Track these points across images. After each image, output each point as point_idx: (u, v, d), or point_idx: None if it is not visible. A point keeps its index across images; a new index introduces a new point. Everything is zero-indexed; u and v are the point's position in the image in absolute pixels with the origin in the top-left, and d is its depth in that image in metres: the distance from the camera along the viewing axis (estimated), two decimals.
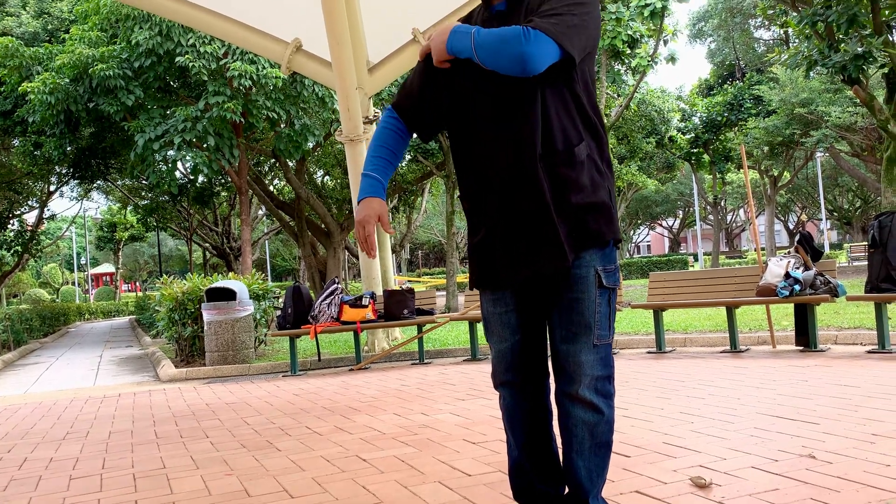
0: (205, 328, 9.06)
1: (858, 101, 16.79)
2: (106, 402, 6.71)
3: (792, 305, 7.75)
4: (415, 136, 17.79)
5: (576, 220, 2.12)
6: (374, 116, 9.43)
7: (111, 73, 14.45)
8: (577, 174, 2.12)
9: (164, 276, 11.21)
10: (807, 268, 6.75)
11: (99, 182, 26.16)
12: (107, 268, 59.18)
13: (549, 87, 2.12)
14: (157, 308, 11.48)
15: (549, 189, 2.10)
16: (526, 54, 1.98)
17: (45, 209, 27.34)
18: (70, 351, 15.27)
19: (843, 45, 12.75)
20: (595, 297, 2.15)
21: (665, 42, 16.59)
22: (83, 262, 58.62)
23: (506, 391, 2.30)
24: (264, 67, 14.26)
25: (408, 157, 23.71)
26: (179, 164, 17.12)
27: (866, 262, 6.67)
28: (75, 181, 24.53)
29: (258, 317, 10.19)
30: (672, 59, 17.62)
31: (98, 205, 58.64)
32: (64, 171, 22.67)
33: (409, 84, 2.38)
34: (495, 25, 2.21)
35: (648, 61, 15.92)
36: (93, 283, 58.86)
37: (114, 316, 37.68)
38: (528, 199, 2.11)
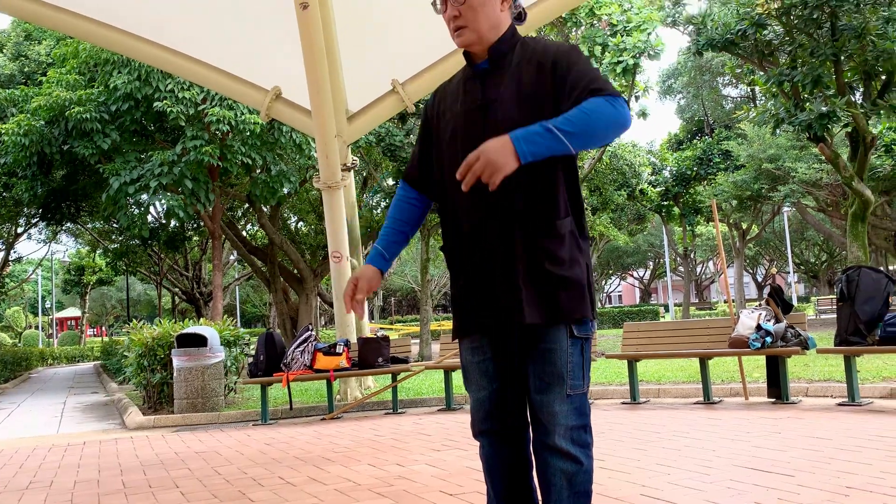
0: (174, 374, 8.90)
1: (824, 158, 17.27)
2: (70, 451, 6.53)
3: (763, 357, 7.83)
4: (391, 182, 17.76)
5: (547, 292, 2.14)
6: (353, 164, 9.51)
7: (88, 116, 14.42)
8: (557, 247, 2.16)
9: (133, 320, 11.03)
10: (777, 320, 6.84)
11: (68, 224, 25.85)
12: (72, 312, 57.99)
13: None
14: (125, 353, 11.27)
15: (523, 253, 2.14)
16: (625, 119, 2.05)
17: (12, 251, 26.89)
18: (32, 397, 14.87)
19: (808, 104, 13.18)
20: (567, 347, 2.16)
21: (636, 98, 17.01)
22: (48, 305, 57.47)
23: (485, 440, 2.30)
24: (242, 113, 14.33)
25: (382, 204, 23.80)
26: (152, 208, 16.97)
27: (834, 315, 6.79)
28: (44, 223, 24.22)
29: (229, 364, 10.04)
30: (643, 114, 18.04)
31: (66, 247, 57.76)
32: (32, 213, 22.38)
33: (413, 153, 2.46)
34: (478, 84, 2.27)
35: None
36: (57, 328, 57.60)
37: (78, 361, 36.81)
38: (500, 259, 2.16)
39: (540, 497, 2.24)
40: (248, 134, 14.62)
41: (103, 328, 60.80)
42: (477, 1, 2.21)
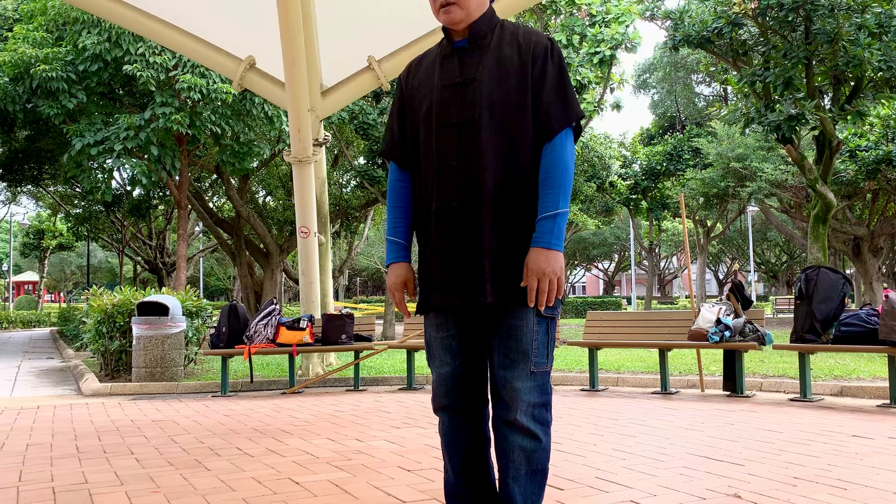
0: (133, 343, 8.79)
1: (790, 159, 17.56)
2: (24, 414, 6.42)
3: (721, 351, 7.98)
4: (362, 161, 17.66)
5: (513, 272, 2.18)
6: (325, 139, 9.42)
7: (54, 75, 14.07)
8: (525, 228, 2.20)
9: (94, 287, 10.84)
10: (737, 315, 6.97)
11: (29, 187, 25.26)
12: (30, 276, 56.88)
13: (527, 141, 2.21)
14: (83, 320, 11.10)
15: (491, 234, 2.17)
16: (573, 154, 2.22)
17: None
18: None
19: (778, 105, 13.37)
20: (533, 325, 2.19)
21: (612, 90, 17.09)
22: (5, 268, 56.22)
23: (444, 415, 2.32)
24: (214, 82, 14.10)
25: (353, 182, 23.66)
26: (117, 174, 16.68)
27: (791, 315, 6.94)
28: (3, 184, 23.65)
29: (190, 334, 9.94)
30: (617, 106, 18.14)
31: (27, 210, 56.49)
32: None
33: (392, 130, 2.42)
34: (456, 62, 2.27)
35: (595, 107, 16.36)
36: (14, 291, 56.42)
37: (34, 326, 36.14)
38: (468, 238, 2.18)
39: (497, 474, 2.27)
40: (220, 104, 14.40)
41: (61, 294, 59.71)
42: None
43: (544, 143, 2.19)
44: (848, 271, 32.33)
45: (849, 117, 13.58)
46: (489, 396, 2.30)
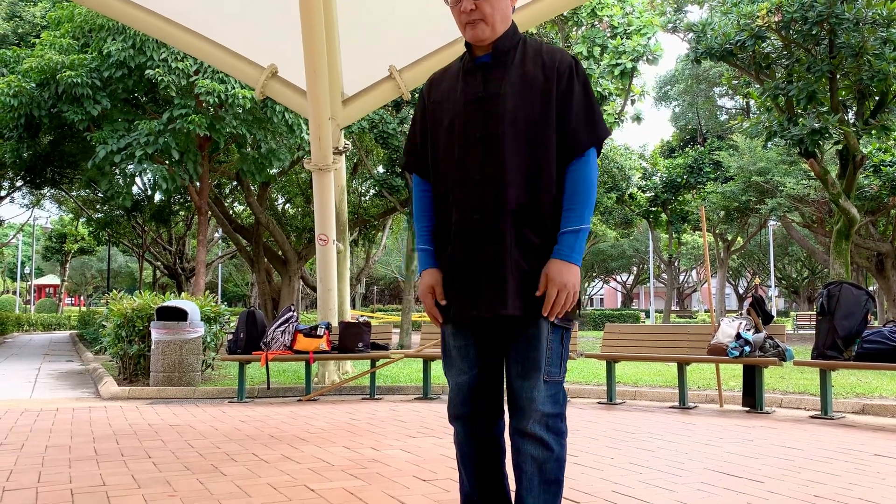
0: (152, 347, 8.84)
1: (813, 174, 17.41)
2: (43, 416, 6.48)
3: (740, 366, 7.89)
4: (381, 169, 17.74)
5: (533, 285, 2.19)
6: (345, 148, 9.46)
7: (79, 81, 14.26)
8: (546, 243, 2.21)
9: (114, 291, 10.94)
10: (757, 330, 6.90)
11: (52, 191, 25.55)
12: (51, 279, 57.48)
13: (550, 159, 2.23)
14: (103, 323, 11.19)
15: (514, 249, 2.18)
16: (596, 169, 2.24)
17: None
18: (6, 361, 14.74)
19: (801, 119, 13.26)
20: (548, 335, 2.20)
21: (632, 102, 17.05)
22: (27, 271, 56.90)
23: (460, 425, 2.31)
24: (233, 87, 14.21)
25: (372, 191, 23.72)
26: (138, 179, 16.85)
27: (812, 331, 6.86)
28: (27, 188, 23.95)
29: (208, 339, 9.99)
30: (638, 118, 18.07)
31: (49, 214, 57.16)
32: (16, 176, 22.11)
33: (414, 142, 2.43)
34: (479, 77, 2.28)
35: (615, 119, 16.32)
36: (35, 294, 57.07)
37: (54, 329, 36.50)
38: (491, 252, 2.19)
39: (513, 486, 2.26)
40: (240, 110, 14.51)
41: (81, 298, 60.30)
42: None
43: (570, 160, 2.21)
44: (871, 288, 31.93)
45: (873, 132, 13.44)
46: (506, 408, 2.29)
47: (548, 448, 2.17)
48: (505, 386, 2.28)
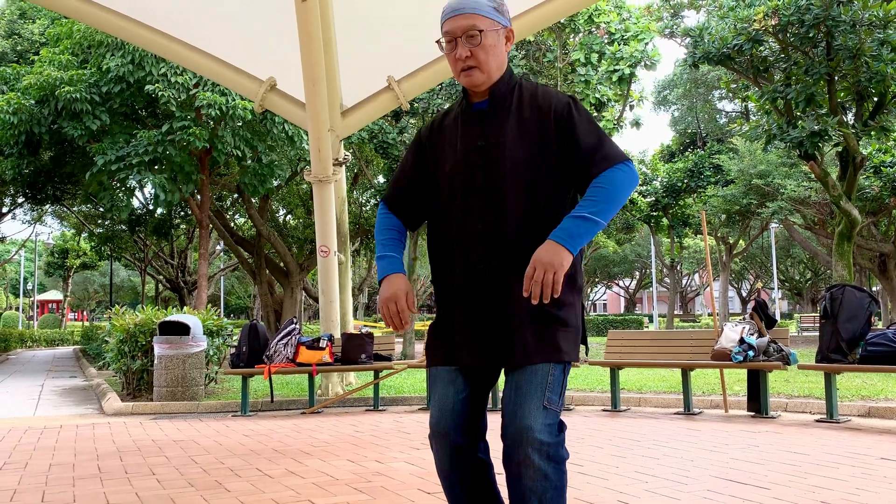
0: (155, 362, 8.83)
1: (813, 176, 17.40)
2: (46, 434, 6.46)
3: (745, 371, 7.87)
4: (381, 179, 17.70)
5: (542, 333, 2.15)
6: (345, 159, 9.47)
7: (78, 97, 14.30)
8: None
9: (116, 306, 10.94)
10: (760, 334, 6.88)
11: (54, 206, 25.59)
12: (54, 295, 57.55)
13: (558, 197, 2.20)
14: (106, 339, 11.18)
15: (520, 297, 2.14)
16: (636, 178, 2.17)
17: None
18: (10, 378, 14.73)
19: (800, 121, 13.26)
20: (551, 366, 2.16)
21: (631, 107, 17.05)
22: (30, 287, 56.96)
23: (439, 445, 2.25)
24: (234, 99, 14.24)
25: (372, 201, 23.73)
26: (138, 193, 16.88)
27: (816, 333, 6.84)
28: (29, 204, 24.00)
29: (211, 353, 9.98)
30: (637, 123, 18.08)
31: (51, 230, 57.26)
32: (17, 192, 22.16)
33: (399, 178, 2.41)
34: (476, 123, 2.27)
35: (614, 125, 16.33)
36: (38, 310, 57.12)
37: (58, 345, 36.49)
38: (496, 301, 2.16)
39: None
40: (240, 124, 14.54)
41: (84, 313, 60.34)
42: (489, 41, 2.20)
43: (587, 183, 2.18)
44: (874, 289, 31.87)
45: (872, 133, 13.44)
46: (500, 433, 2.25)
47: (547, 478, 2.10)
48: (501, 414, 2.23)
